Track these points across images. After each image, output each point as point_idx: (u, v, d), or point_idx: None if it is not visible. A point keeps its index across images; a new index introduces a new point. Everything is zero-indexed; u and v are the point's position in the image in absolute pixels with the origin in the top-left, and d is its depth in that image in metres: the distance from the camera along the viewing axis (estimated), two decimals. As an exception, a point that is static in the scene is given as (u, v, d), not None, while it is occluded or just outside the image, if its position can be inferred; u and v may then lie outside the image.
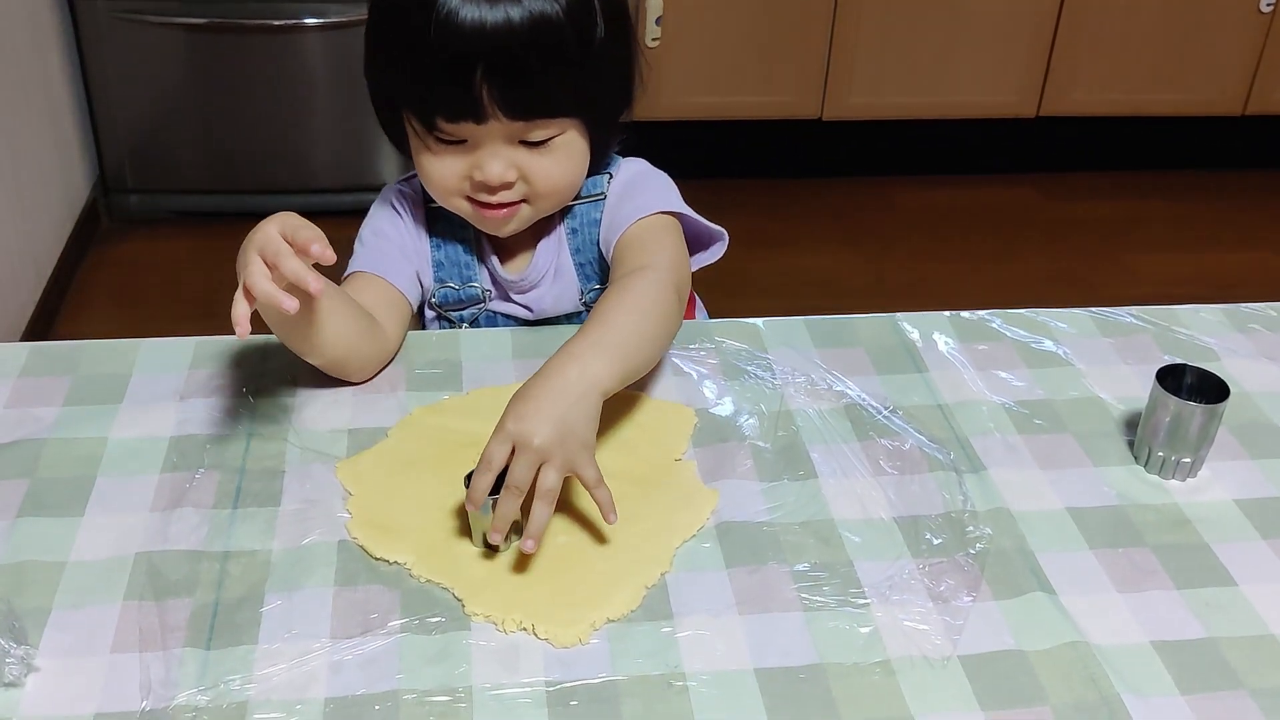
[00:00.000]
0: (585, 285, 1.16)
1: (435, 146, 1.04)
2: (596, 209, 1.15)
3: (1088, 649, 0.80)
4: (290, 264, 0.88)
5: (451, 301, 1.16)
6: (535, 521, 0.84)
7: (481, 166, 1.03)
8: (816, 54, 2.91)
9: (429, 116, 1.02)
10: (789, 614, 0.82)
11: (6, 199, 2.33)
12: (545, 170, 1.05)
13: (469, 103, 1.00)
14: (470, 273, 1.15)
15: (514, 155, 1.04)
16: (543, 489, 0.84)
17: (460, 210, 1.09)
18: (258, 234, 0.90)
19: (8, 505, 0.90)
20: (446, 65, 0.98)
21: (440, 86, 1.00)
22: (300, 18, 2.68)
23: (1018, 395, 1.05)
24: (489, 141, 1.03)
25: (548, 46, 0.98)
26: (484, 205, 1.07)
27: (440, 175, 1.06)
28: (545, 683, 0.77)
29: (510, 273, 1.16)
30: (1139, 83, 3.04)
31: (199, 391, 1.02)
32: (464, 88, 0.99)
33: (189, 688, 0.75)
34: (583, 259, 1.15)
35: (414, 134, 1.06)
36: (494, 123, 1.01)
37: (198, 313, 2.53)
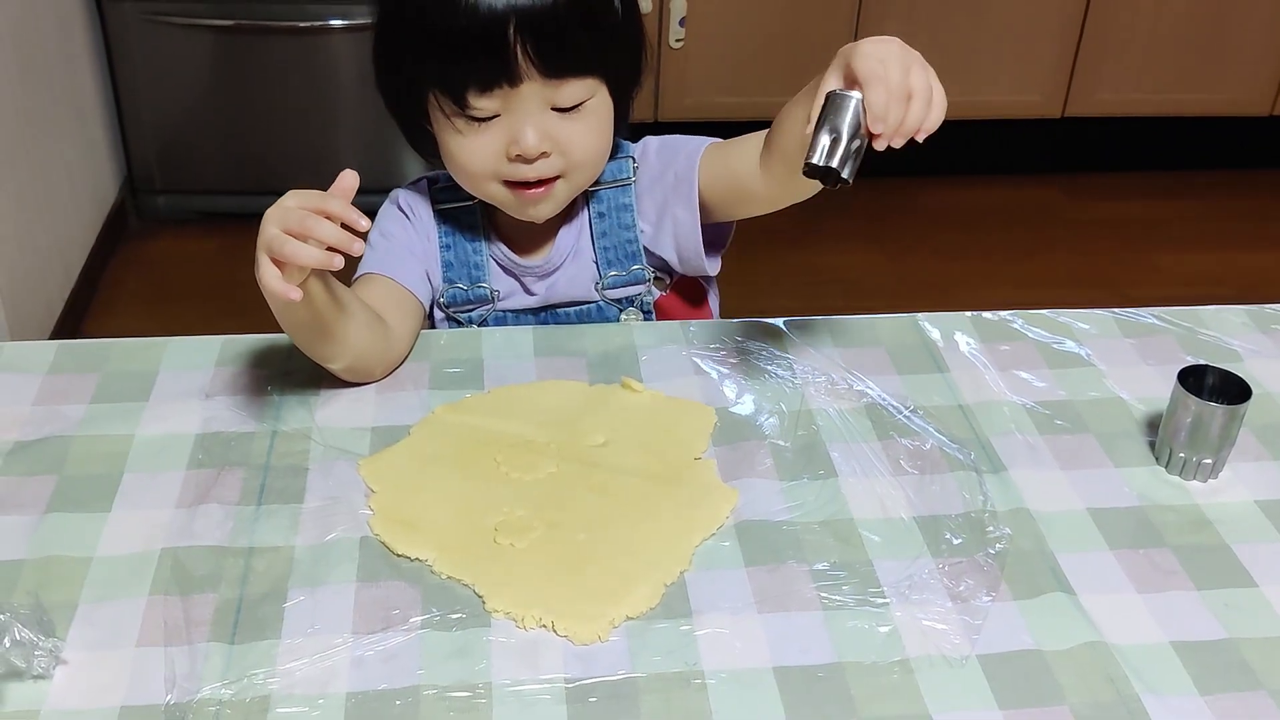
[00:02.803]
0: (605, 270, 1.16)
1: (466, 127, 1.03)
2: (625, 194, 1.15)
3: (1107, 649, 0.80)
4: (326, 229, 0.87)
5: (460, 302, 1.17)
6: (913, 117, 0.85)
7: (518, 138, 1.03)
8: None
9: (460, 91, 1.01)
10: (808, 613, 0.82)
11: (36, 199, 2.36)
12: (579, 137, 1.05)
13: (503, 65, 0.99)
14: (479, 273, 1.16)
15: (547, 123, 1.03)
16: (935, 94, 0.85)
17: (495, 197, 1.08)
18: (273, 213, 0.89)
19: (36, 501, 0.91)
20: (477, 27, 0.97)
21: (472, 53, 0.99)
22: (326, 19, 2.70)
23: (1039, 396, 1.05)
24: (521, 111, 1.02)
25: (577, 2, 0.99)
26: (520, 185, 1.06)
27: (474, 157, 1.05)
28: (565, 679, 0.77)
29: (529, 259, 1.16)
30: (1165, 83, 3.02)
31: (224, 389, 1.03)
32: (497, 48, 0.98)
33: (213, 681, 0.76)
34: (608, 243, 1.15)
35: (443, 121, 1.05)
36: (528, 85, 1.00)
37: (224, 311, 2.55)
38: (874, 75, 0.85)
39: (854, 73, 0.87)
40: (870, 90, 0.85)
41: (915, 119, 0.86)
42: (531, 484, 0.93)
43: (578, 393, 1.04)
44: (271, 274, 0.88)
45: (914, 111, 0.86)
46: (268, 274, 0.88)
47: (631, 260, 1.15)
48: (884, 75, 0.86)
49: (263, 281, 0.89)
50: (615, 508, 0.91)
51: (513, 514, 0.90)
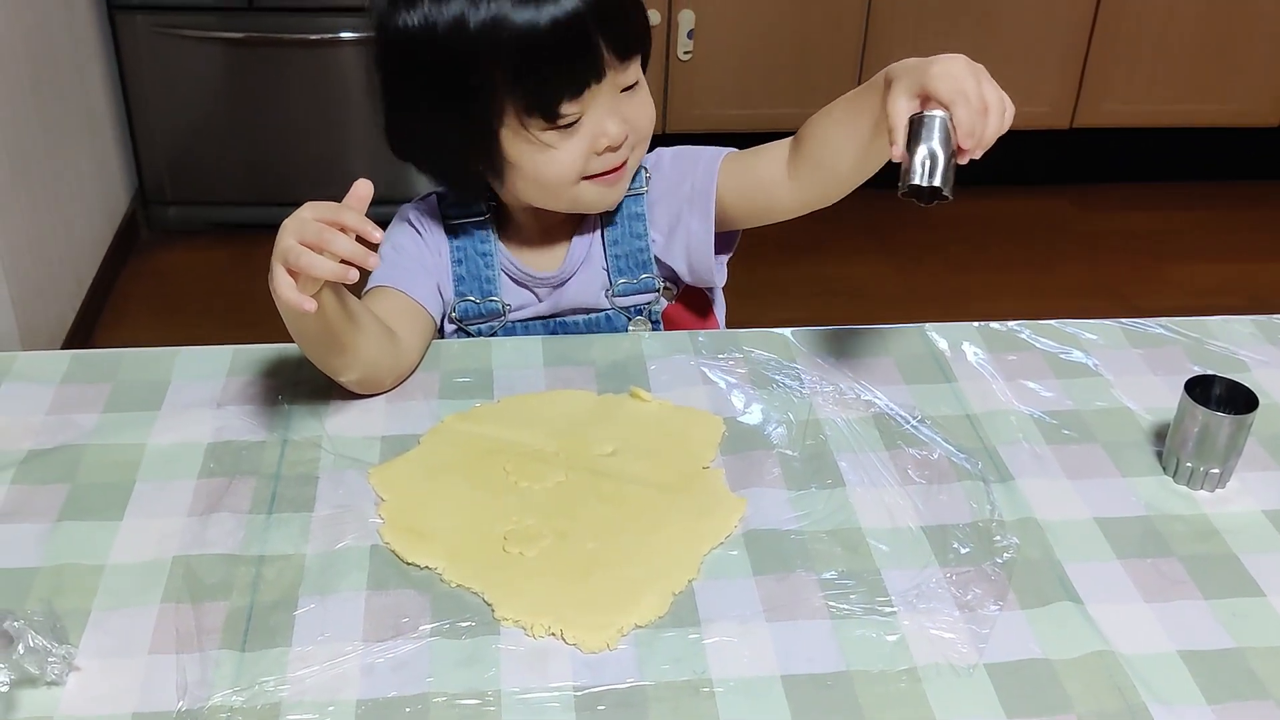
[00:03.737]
0: (616, 279, 1.17)
1: (556, 139, 1.05)
2: (638, 203, 1.16)
3: (1114, 658, 0.80)
4: (342, 242, 0.88)
5: (472, 316, 1.17)
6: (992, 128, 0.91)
7: (604, 131, 1.05)
8: (848, 66, 2.92)
9: (553, 104, 1.03)
10: (816, 621, 0.83)
11: (48, 211, 2.37)
12: (642, 109, 1.08)
13: (590, 64, 1.02)
14: (491, 287, 1.16)
15: (618, 109, 1.06)
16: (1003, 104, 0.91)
17: (580, 199, 1.10)
18: (290, 224, 0.90)
19: (49, 509, 0.91)
20: (562, 35, 0.99)
21: (561, 62, 1.01)
22: (336, 32, 2.71)
23: (1046, 405, 1.05)
24: (600, 105, 1.05)
25: None
26: (602, 175, 1.09)
27: (565, 166, 1.06)
28: (573, 687, 0.78)
29: (542, 270, 1.17)
30: (1173, 94, 3.02)
31: (235, 399, 1.04)
32: (584, 49, 1.01)
33: (224, 689, 0.77)
34: (620, 251, 1.16)
35: (525, 143, 1.05)
36: (607, 78, 1.03)
37: (235, 322, 2.56)
38: (958, 94, 0.91)
39: (932, 94, 0.91)
40: (957, 108, 0.91)
41: (994, 130, 0.92)
42: (540, 493, 0.93)
43: (587, 402, 1.04)
44: (286, 284, 0.89)
45: (991, 123, 0.92)
46: (283, 284, 0.89)
47: (642, 269, 1.16)
48: (965, 92, 0.91)
49: (277, 292, 0.90)
50: (624, 517, 0.91)
51: (522, 523, 0.90)
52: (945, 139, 0.90)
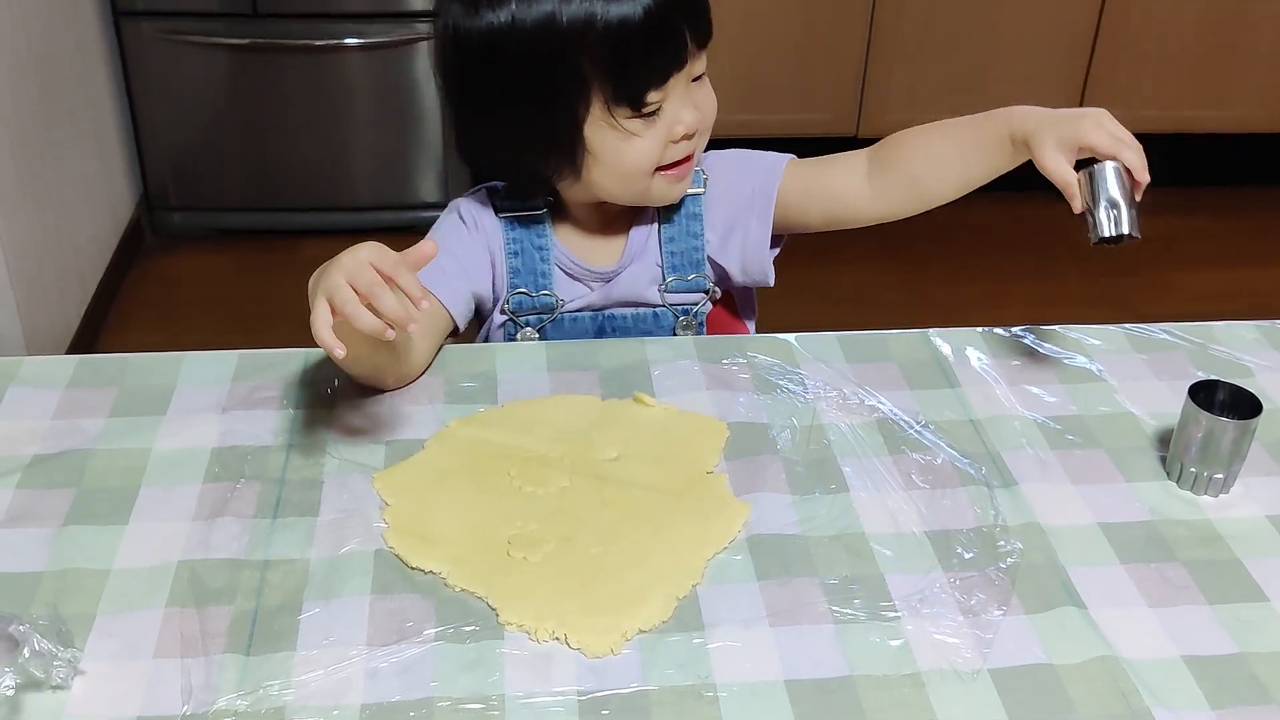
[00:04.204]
0: (669, 274, 1.18)
1: (640, 127, 1.07)
2: (696, 203, 1.18)
3: (1118, 663, 0.80)
4: (388, 303, 0.88)
5: (525, 308, 1.18)
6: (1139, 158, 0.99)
7: (680, 119, 1.08)
8: (852, 71, 2.92)
9: (640, 92, 1.05)
10: (819, 626, 0.83)
11: (54, 216, 2.38)
12: (709, 100, 1.12)
13: (675, 52, 1.05)
14: (545, 281, 1.18)
15: (691, 97, 1.09)
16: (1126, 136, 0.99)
17: (645, 192, 1.12)
18: (348, 261, 0.90)
19: (55, 514, 0.92)
20: (653, 25, 1.02)
21: (651, 50, 1.04)
22: (341, 38, 2.72)
23: (1050, 410, 1.05)
24: (675, 93, 1.08)
25: None
26: (673, 167, 1.11)
27: (645, 154, 1.09)
28: (577, 692, 0.78)
29: (598, 264, 1.18)
30: (1177, 99, 3.02)
31: (240, 404, 1.04)
32: (671, 37, 1.04)
33: (229, 693, 0.77)
34: (675, 248, 1.18)
35: (610, 131, 1.07)
36: (686, 66, 1.07)
37: (240, 327, 2.57)
38: (1117, 141, 0.99)
39: (1090, 146, 1.00)
40: (1124, 154, 0.99)
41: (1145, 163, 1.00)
42: (544, 498, 0.94)
43: (591, 407, 1.04)
44: (324, 323, 0.89)
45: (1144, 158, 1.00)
46: (321, 324, 0.89)
47: (695, 268, 1.19)
48: (1121, 137, 1.00)
49: (315, 330, 0.89)
50: (628, 521, 0.91)
51: (526, 527, 0.90)
52: (1120, 185, 0.97)
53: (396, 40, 2.73)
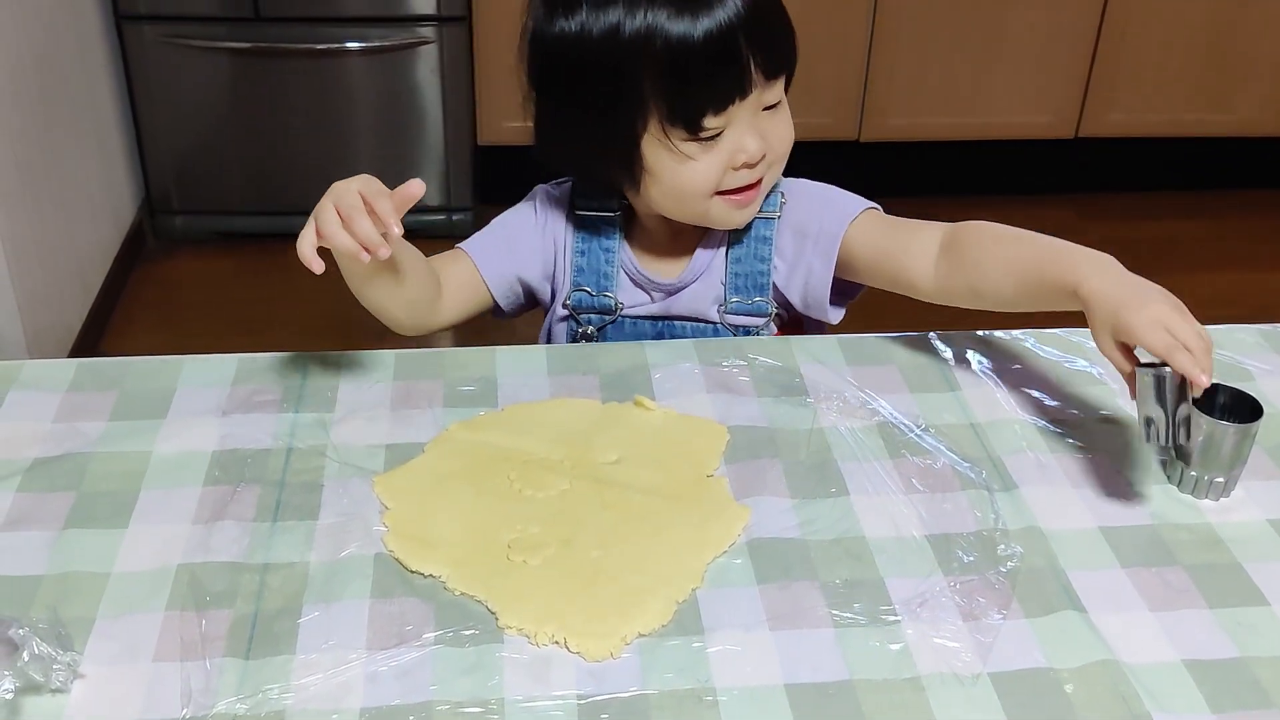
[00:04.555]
0: (731, 295, 1.17)
1: (697, 151, 1.06)
2: (768, 227, 1.16)
3: (1118, 668, 0.80)
4: (363, 225, 0.94)
5: (585, 307, 1.19)
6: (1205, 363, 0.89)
7: (743, 147, 1.06)
8: (854, 76, 2.92)
9: (696, 116, 1.04)
10: (819, 630, 0.83)
11: (55, 219, 2.38)
12: (782, 130, 1.09)
13: (737, 80, 1.03)
14: (608, 283, 1.18)
15: (759, 125, 1.07)
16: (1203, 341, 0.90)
17: (709, 214, 1.11)
18: (339, 187, 0.97)
19: (55, 517, 0.92)
20: (714, 49, 1.01)
21: (710, 75, 1.02)
22: (343, 42, 2.72)
23: (1050, 414, 1.05)
24: (741, 120, 1.06)
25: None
26: (736, 193, 1.10)
27: (701, 178, 1.08)
28: (577, 695, 0.78)
29: (662, 276, 1.18)
30: (1177, 104, 3.03)
31: (241, 407, 1.04)
32: (733, 64, 1.02)
33: (228, 696, 0.77)
34: (741, 269, 1.17)
35: (666, 152, 1.06)
36: (751, 95, 1.04)
37: (241, 330, 2.57)
38: (1173, 348, 0.90)
39: (1144, 346, 0.91)
40: (1176, 360, 0.89)
41: (1208, 365, 0.90)
42: (544, 501, 0.93)
43: (591, 410, 1.04)
44: (307, 240, 0.95)
45: (1208, 359, 0.90)
46: (304, 239, 0.95)
47: (758, 292, 1.17)
48: (1181, 340, 0.90)
49: (299, 244, 0.95)
50: (628, 525, 0.91)
51: (526, 531, 0.90)
52: (1170, 395, 0.91)
53: (398, 44, 2.73)
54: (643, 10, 1.01)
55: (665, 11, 1.01)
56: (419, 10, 2.72)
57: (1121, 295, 0.93)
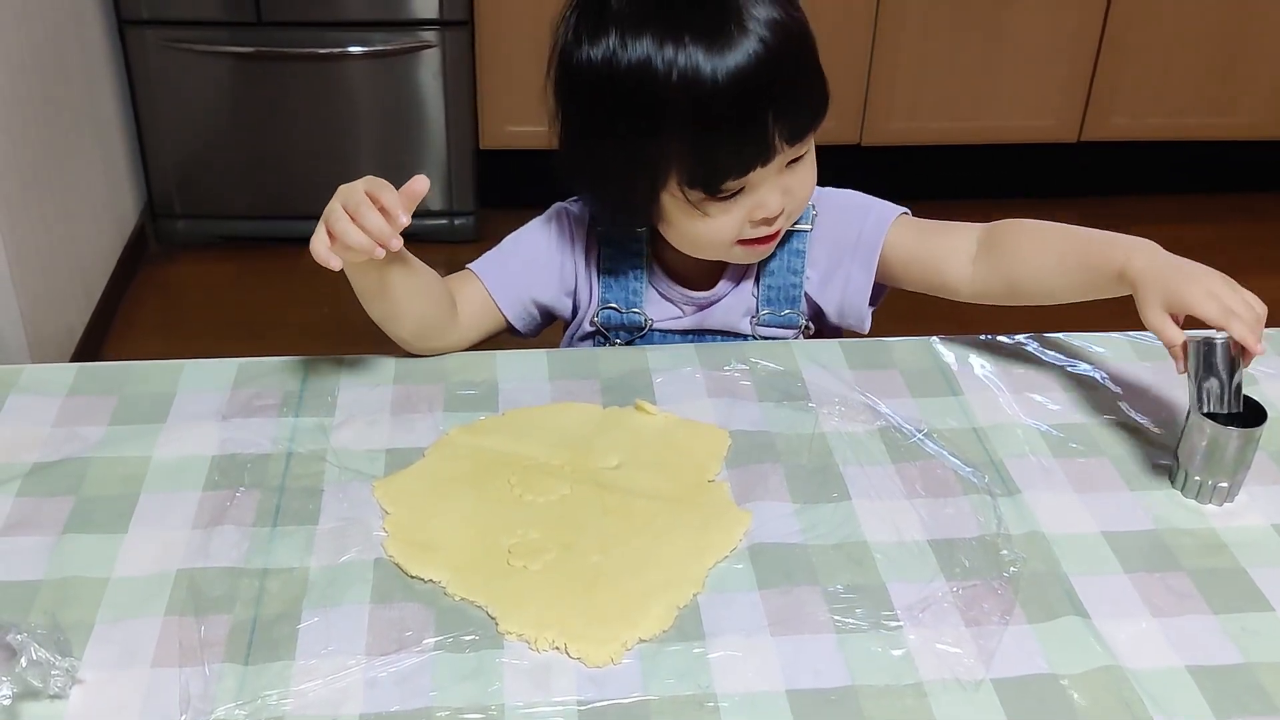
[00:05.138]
0: (763, 307, 1.17)
1: (714, 208, 1.04)
2: (800, 240, 1.16)
3: (1121, 673, 0.79)
4: (372, 219, 0.95)
5: (614, 324, 1.18)
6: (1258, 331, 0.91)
7: (764, 204, 1.05)
8: (856, 80, 2.92)
9: (716, 181, 1.02)
10: (821, 635, 0.82)
11: (58, 224, 2.38)
12: (804, 181, 1.08)
13: (760, 149, 1.01)
14: (637, 299, 1.17)
15: (782, 182, 1.06)
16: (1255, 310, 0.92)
17: (727, 255, 1.10)
18: (345, 188, 0.98)
19: (54, 522, 0.91)
20: (738, 121, 0.99)
21: (733, 145, 1.00)
22: (345, 46, 2.72)
23: (1053, 419, 1.05)
24: (764, 179, 1.04)
25: (803, 58, 1.03)
26: (756, 241, 1.08)
27: (720, 233, 1.06)
28: (577, 701, 0.77)
29: (692, 290, 1.17)
30: (1181, 107, 3.02)
31: (241, 411, 1.04)
32: (757, 137, 1.00)
33: (227, 702, 0.76)
34: (773, 282, 1.16)
35: (683, 206, 1.05)
36: (775, 160, 1.03)
37: (242, 335, 2.57)
38: (1229, 313, 0.92)
39: (1200, 315, 0.93)
40: (1233, 327, 0.91)
41: (1260, 335, 0.92)
42: (545, 506, 0.93)
43: (592, 415, 1.04)
44: (320, 241, 0.96)
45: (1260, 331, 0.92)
46: (317, 240, 0.96)
47: (790, 304, 1.17)
48: (1235, 309, 0.92)
49: (312, 246, 0.96)
50: (628, 530, 0.91)
51: (526, 536, 0.90)
52: (1224, 361, 0.92)
53: (400, 48, 2.73)
54: (672, 49, 0.98)
55: (696, 54, 0.97)
56: (421, 14, 2.72)
57: (1171, 268, 0.95)
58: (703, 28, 0.98)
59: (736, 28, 0.98)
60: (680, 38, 0.98)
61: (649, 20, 0.99)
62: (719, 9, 0.99)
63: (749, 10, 0.99)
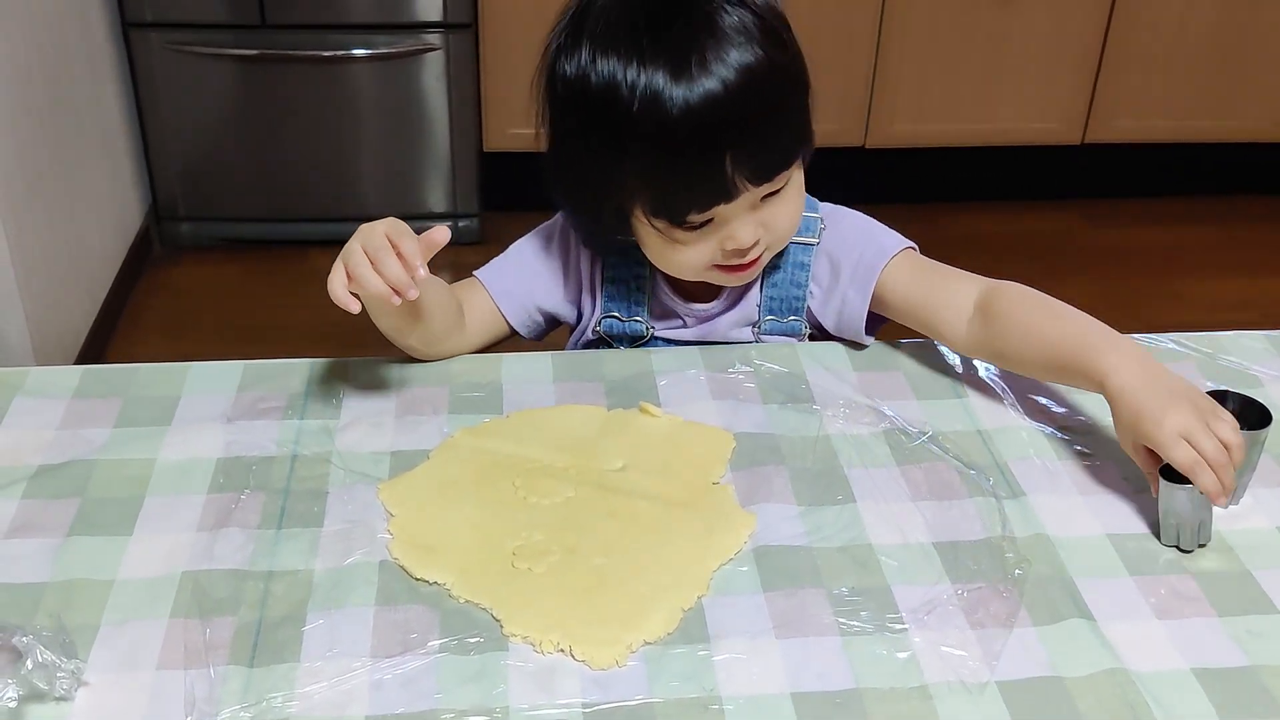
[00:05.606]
0: (765, 315, 1.17)
1: (682, 236, 1.04)
2: (806, 253, 1.15)
3: (1126, 676, 0.79)
4: (391, 267, 0.95)
5: (615, 333, 1.18)
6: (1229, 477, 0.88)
7: (733, 236, 1.03)
8: (860, 82, 2.92)
9: (679, 214, 1.01)
10: (826, 638, 0.82)
11: (63, 227, 2.39)
12: (784, 215, 1.06)
13: (720, 189, 1.00)
14: (638, 309, 1.17)
15: (757, 215, 1.04)
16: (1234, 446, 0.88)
17: (703, 278, 1.10)
18: (366, 229, 0.97)
19: (59, 524, 0.91)
20: (694, 161, 0.98)
21: (690, 183, 1.00)
22: (349, 49, 2.72)
23: (1058, 421, 1.04)
24: (735, 214, 1.03)
25: (773, 100, 0.99)
26: (732, 268, 1.07)
27: (690, 261, 1.06)
28: (582, 704, 0.77)
29: (694, 303, 1.17)
30: (1185, 109, 3.02)
31: (245, 414, 1.04)
32: (715, 176, 0.99)
33: (232, 704, 0.76)
34: (775, 294, 1.16)
35: (653, 233, 1.05)
36: (742, 196, 1.01)
37: (246, 337, 2.57)
38: (1197, 465, 0.88)
39: (1168, 460, 0.89)
40: (1200, 479, 0.88)
41: (1230, 478, 0.89)
42: (550, 508, 0.93)
43: (596, 417, 1.04)
44: (339, 282, 0.96)
45: (1229, 474, 0.89)
46: (335, 280, 0.96)
47: (792, 314, 1.17)
48: (1208, 456, 0.88)
49: (330, 286, 0.96)
50: (633, 532, 0.91)
51: (531, 538, 0.90)
52: (1191, 507, 0.90)
53: (404, 51, 2.74)
54: (635, 71, 0.97)
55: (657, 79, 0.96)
56: (425, 17, 2.72)
57: (1143, 402, 0.91)
58: (668, 56, 0.96)
59: (698, 65, 0.96)
60: (645, 62, 0.97)
61: (620, 40, 0.98)
62: (687, 38, 0.97)
63: (720, 48, 0.97)
